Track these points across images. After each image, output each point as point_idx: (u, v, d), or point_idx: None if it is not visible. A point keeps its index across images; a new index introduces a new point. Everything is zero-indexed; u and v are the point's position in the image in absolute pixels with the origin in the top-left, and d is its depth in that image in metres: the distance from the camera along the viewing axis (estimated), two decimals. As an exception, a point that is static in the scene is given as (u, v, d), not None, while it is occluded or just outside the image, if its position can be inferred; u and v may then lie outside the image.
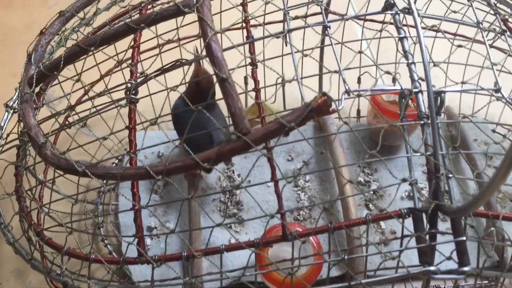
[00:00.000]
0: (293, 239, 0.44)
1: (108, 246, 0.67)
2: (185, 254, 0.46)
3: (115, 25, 0.64)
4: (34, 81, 0.52)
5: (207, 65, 0.49)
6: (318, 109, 0.42)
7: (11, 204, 0.57)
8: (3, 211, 0.57)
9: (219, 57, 0.44)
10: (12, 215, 0.56)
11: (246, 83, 0.79)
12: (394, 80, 0.82)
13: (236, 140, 0.43)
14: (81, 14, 0.61)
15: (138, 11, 0.64)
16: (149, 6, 0.64)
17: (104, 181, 0.74)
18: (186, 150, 0.43)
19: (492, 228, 0.44)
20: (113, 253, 0.66)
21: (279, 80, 0.50)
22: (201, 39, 0.45)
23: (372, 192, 0.75)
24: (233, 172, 0.77)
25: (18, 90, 0.64)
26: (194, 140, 0.48)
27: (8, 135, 0.58)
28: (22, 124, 0.58)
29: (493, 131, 0.83)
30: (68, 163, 0.46)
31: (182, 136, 0.46)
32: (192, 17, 0.50)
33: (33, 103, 0.52)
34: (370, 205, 0.74)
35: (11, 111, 0.62)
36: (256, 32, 0.64)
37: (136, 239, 0.46)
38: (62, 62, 0.50)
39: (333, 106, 0.42)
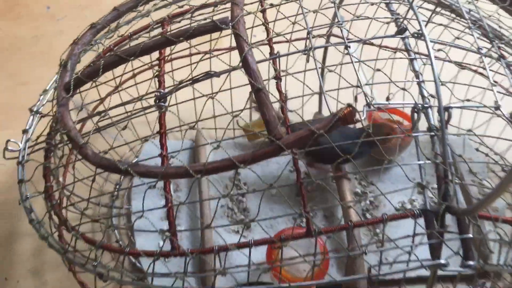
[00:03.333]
0: (317, 235, 0.49)
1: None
2: (216, 248, 0.50)
3: (133, 37, 0.69)
4: (72, 87, 0.55)
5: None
6: (344, 118, 0.47)
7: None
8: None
9: (255, 69, 0.49)
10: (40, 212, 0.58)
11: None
12: (388, 99, 0.88)
13: (269, 144, 0.48)
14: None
15: (160, 25, 0.69)
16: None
17: (117, 186, 0.77)
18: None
19: (494, 229, 0.50)
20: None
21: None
22: (236, 52, 0.50)
23: (368, 202, 0.80)
24: (240, 181, 0.81)
25: (42, 96, 0.67)
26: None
27: (38, 137, 0.61)
28: (53, 126, 0.61)
29: (477, 149, 0.90)
30: (110, 162, 0.49)
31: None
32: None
33: (68, 106, 0.55)
34: (367, 214, 0.79)
35: (38, 116, 0.65)
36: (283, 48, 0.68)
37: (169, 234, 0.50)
38: (101, 70, 0.54)
39: (357, 116, 0.48)
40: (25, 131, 0.64)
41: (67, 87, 0.56)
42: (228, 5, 0.60)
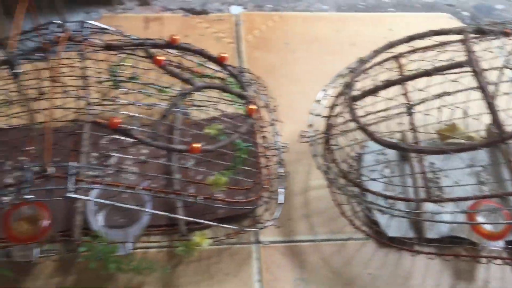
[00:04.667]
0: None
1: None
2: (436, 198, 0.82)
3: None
4: (358, 99, 0.91)
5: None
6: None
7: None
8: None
9: (488, 91, 0.81)
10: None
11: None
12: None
13: (497, 136, 0.79)
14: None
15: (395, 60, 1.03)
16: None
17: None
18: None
19: None
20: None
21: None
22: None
23: None
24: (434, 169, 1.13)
25: (315, 104, 1.04)
26: None
27: (324, 129, 0.97)
28: (329, 123, 0.97)
29: None
30: (393, 142, 0.84)
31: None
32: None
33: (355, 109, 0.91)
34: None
35: (315, 115, 1.01)
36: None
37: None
38: (379, 89, 0.89)
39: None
40: (310, 126, 1.00)
41: (354, 99, 0.91)
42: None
